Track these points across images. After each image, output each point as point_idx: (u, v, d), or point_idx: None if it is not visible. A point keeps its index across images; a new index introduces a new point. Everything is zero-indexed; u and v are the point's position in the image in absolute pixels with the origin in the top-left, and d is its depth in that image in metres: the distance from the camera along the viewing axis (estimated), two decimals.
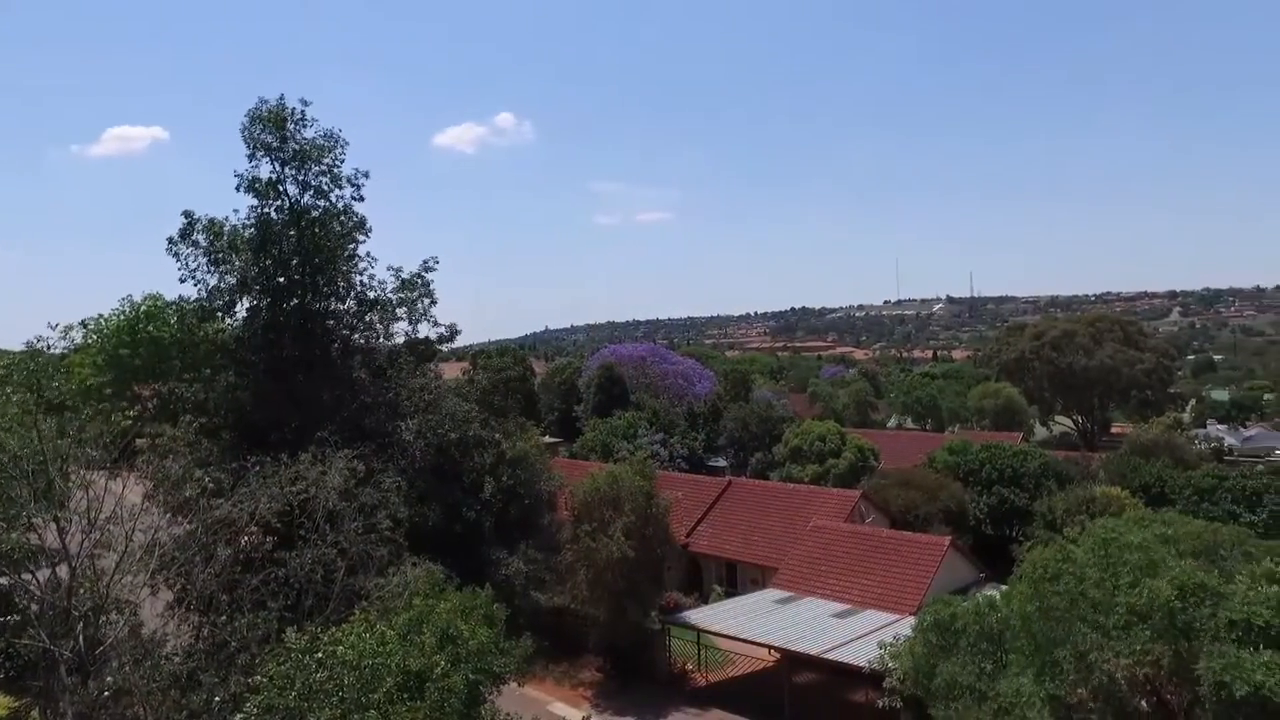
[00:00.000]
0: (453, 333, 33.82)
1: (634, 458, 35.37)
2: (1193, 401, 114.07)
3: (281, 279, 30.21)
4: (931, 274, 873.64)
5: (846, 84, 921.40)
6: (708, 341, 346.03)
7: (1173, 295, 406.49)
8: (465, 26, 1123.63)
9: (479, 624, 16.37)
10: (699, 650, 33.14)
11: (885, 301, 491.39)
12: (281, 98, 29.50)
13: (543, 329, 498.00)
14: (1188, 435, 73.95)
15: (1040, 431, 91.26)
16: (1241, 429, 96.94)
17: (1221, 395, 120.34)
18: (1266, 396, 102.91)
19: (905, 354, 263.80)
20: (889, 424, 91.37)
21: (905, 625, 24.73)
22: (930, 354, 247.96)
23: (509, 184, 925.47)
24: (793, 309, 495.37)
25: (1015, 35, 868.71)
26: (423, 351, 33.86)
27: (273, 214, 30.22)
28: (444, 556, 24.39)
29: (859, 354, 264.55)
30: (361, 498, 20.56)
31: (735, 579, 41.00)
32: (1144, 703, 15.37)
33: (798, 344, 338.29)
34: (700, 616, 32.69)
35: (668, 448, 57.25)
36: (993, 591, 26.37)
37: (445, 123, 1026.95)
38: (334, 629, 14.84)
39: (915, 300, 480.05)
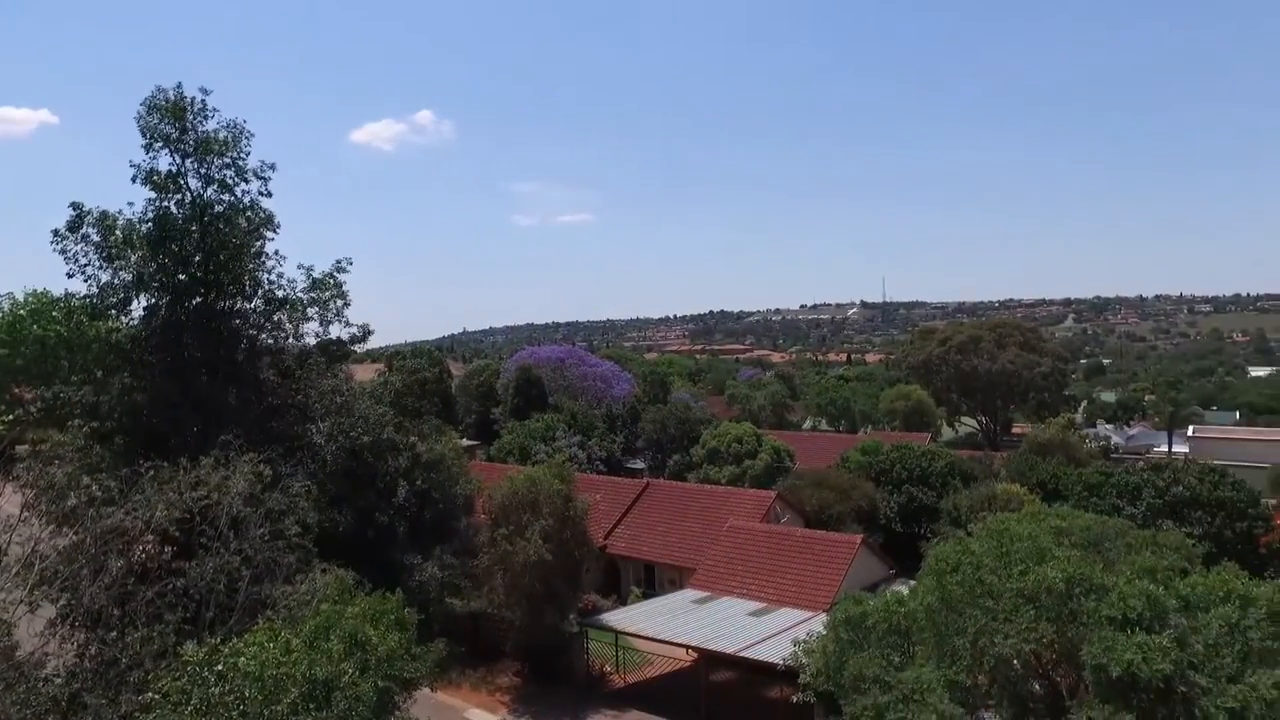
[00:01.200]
0: (366, 333, 32.92)
1: (552, 460, 35.24)
2: (1084, 403, 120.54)
3: (183, 276, 28.85)
4: (846, 279, 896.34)
5: (763, 90, 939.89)
6: (627, 344, 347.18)
7: (1068, 303, 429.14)
8: (385, 20, 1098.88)
9: (390, 629, 15.99)
10: (617, 652, 33.16)
11: (802, 305, 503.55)
12: (179, 86, 28.11)
13: (461, 330, 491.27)
14: (1080, 434, 77.87)
15: (947, 432, 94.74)
16: (1126, 428, 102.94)
17: (1109, 397, 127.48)
18: (1147, 398, 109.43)
19: (820, 357, 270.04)
20: (804, 425, 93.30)
21: (818, 622, 25.27)
22: (845, 357, 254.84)
23: (428, 183, 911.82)
24: (711, 312, 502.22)
25: (919, 46, 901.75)
26: (335, 352, 32.84)
27: (172, 208, 28.81)
28: (356, 562, 23.68)
29: (776, 357, 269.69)
30: (268, 503, 19.79)
31: (654, 580, 41.22)
32: (1036, 685, 16.17)
33: (716, 347, 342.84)
34: (618, 618, 32.72)
35: (586, 450, 57.16)
36: (902, 587, 27.25)
37: (363, 118, 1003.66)
38: (236, 640, 14.24)
39: (831, 305, 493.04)
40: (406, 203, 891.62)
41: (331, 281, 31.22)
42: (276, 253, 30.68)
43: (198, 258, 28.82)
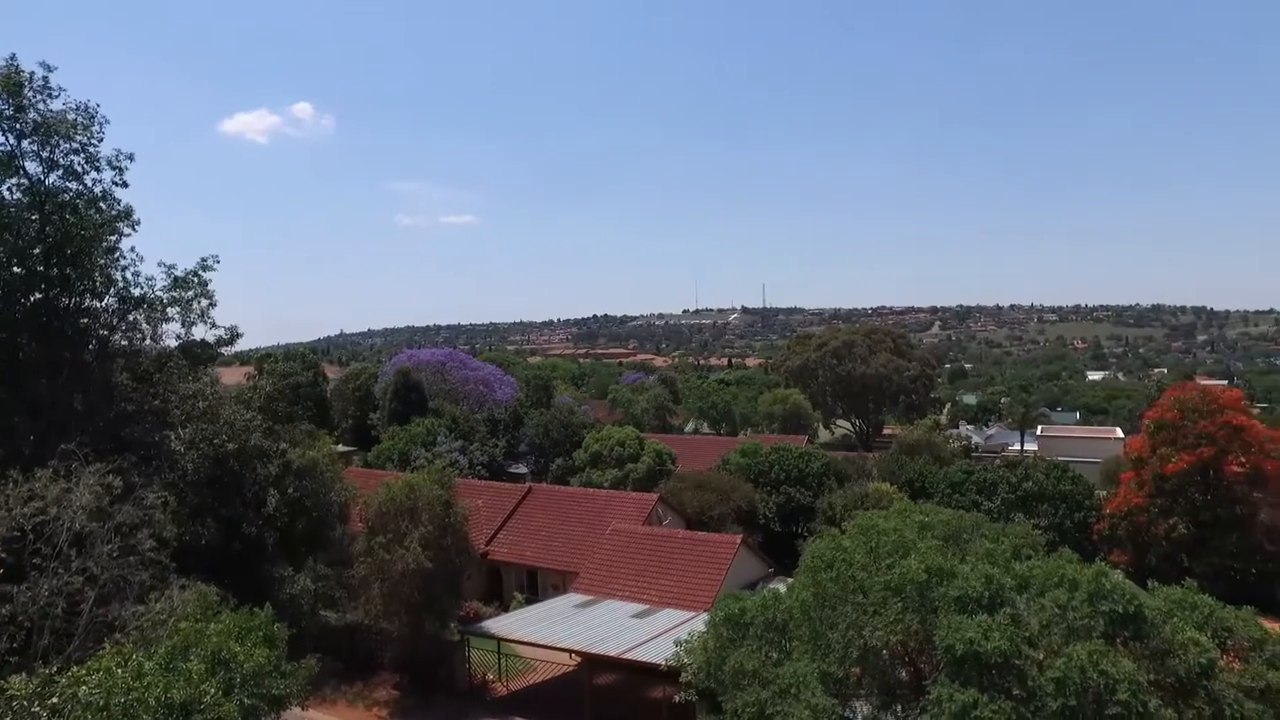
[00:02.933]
0: (234, 335, 31.11)
1: (432, 466, 34.35)
2: (949, 405, 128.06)
3: (19, 269, 26.46)
4: (728, 285, 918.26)
5: (648, 95, 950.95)
6: (510, 347, 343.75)
7: (934, 311, 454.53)
8: (261, 5, 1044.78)
9: (257, 646, 15.16)
10: (500, 659, 32.67)
11: (684, 311, 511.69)
12: (14, 58, 25.69)
13: (338, 333, 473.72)
14: (944, 435, 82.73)
15: (824, 434, 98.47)
16: (985, 428, 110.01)
17: (970, 399, 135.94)
18: (1004, 400, 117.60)
19: (702, 361, 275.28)
20: (686, 429, 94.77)
21: (700, 621, 25.70)
22: (726, 361, 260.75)
23: (305, 179, 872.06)
24: (595, 316, 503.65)
25: (800, 57, 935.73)
26: (199, 355, 30.90)
27: (5, 193, 26.38)
28: (221, 577, 22.38)
29: (659, 361, 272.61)
30: (119, 516, 18.40)
31: (536, 585, 40.88)
32: (902, 672, 17.02)
33: (600, 351, 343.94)
34: (500, 625, 32.27)
35: (467, 455, 56.12)
36: (780, 585, 28.09)
37: (235, 108, 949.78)
38: (76, 668, 13.08)
39: (713, 310, 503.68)
40: (281, 199, 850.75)
41: (195, 280, 29.36)
42: (134, 248, 28.65)
43: (37, 250, 26.49)
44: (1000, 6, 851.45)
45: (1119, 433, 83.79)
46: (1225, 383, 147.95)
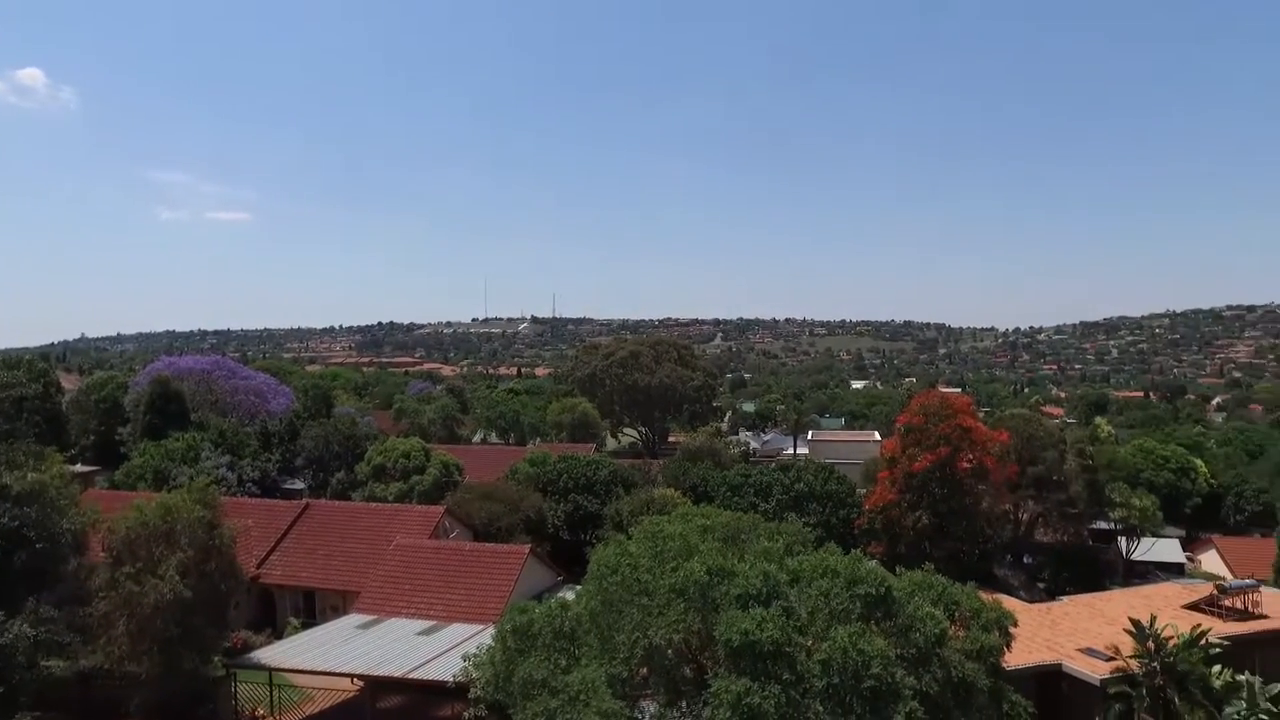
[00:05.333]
0: None
1: (193, 485, 31.27)
2: (729, 413, 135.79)
3: None
4: (518, 295, 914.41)
5: (437, 100, 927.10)
6: (287, 355, 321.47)
7: (717, 323, 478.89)
8: None
9: None
10: (272, 691, 30.27)
11: (474, 319, 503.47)
12: None
13: (79, 336, 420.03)
14: (725, 441, 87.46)
15: (611, 442, 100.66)
16: (762, 434, 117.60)
17: (749, 407, 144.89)
18: (779, 407, 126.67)
19: (492, 371, 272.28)
20: (474, 439, 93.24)
21: (489, 634, 25.35)
22: (515, 371, 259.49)
23: (38, 160, 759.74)
24: (380, 324, 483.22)
25: (593, 56, 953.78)
26: None
27: None
28: None
29: (447, 370, 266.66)
30: None
31: (314, 608, 38.44)
32: (687, 669, 17.78)
33: (385, 360, 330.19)
34: (273, 654, 29.99)
35: (237, 471, 51.74)
36: (570, 593, 28.34)
37: None
38: None
39: (502, 319, 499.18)
40: (5, 181, 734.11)
41: None
42: None
43: None
44: (748, 16, 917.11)
45: (877, 436, 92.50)
46: (959, 390, 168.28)
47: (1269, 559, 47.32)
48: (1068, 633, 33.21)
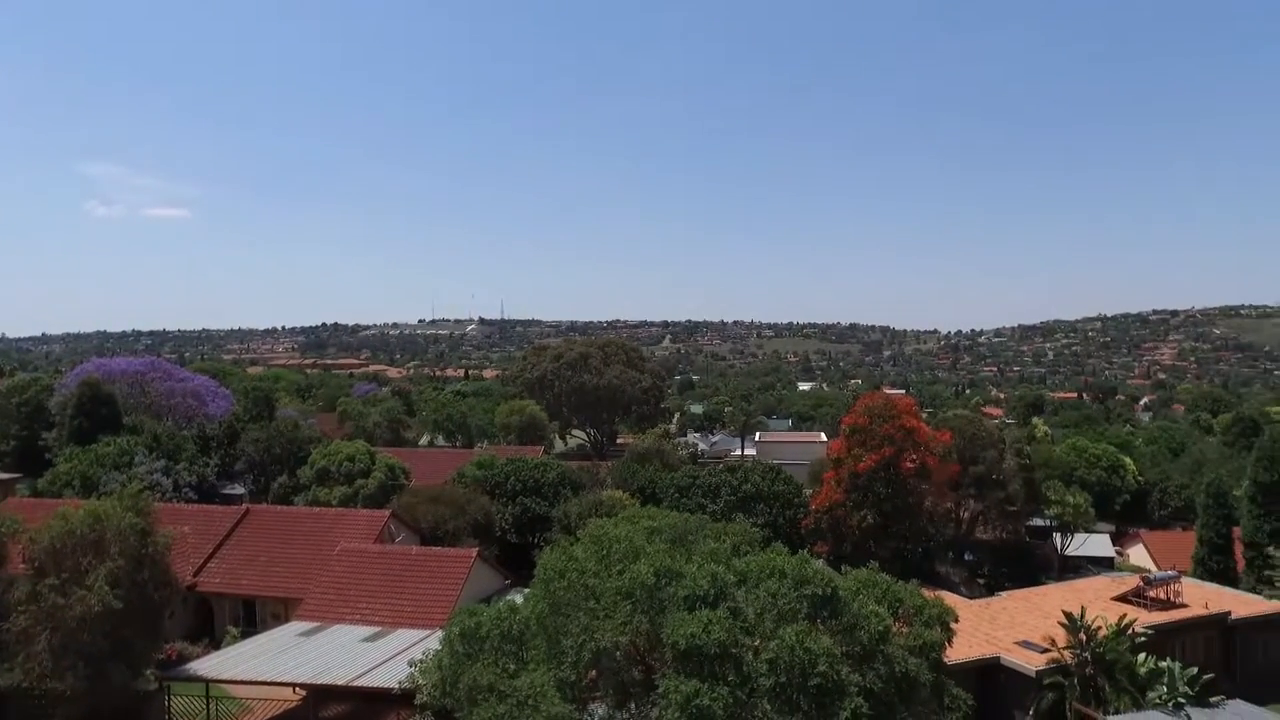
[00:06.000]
0: None
1: (125, 491, 30.21)
2: (678, 414, 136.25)
3: None
4: (466, 296, 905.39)
5: (387, 91, 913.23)
6: (227, 357, 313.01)
7: (665, 325, 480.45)
8: None
9: None
10: (209, 704, 29.43)
11: (421, 321, 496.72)
12: None
13: None
14: (673, 443, 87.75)
15: (559, 444, 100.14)
16: (710, 435, 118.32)
17: (697, 409, 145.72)
18: (727, 409, 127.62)
19: (439, 372, 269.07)
20: (421, 442, 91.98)
21: (436, 639, 25.05)
22: (463, 372, 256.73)
23: None
24: (324, 325, 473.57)
25: (538, 69, 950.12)
26: None
27: None
28: None
29: (393, 372, 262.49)
30: None
31: (255, 617, 37.47)
32: (635, 671, 17.80)
33: (329, 361, 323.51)
34: (210, 665, 29.14)
35: (173, 476, 50.20)
36: (517, 596, 28.13)
37: None
38: None
39: (450, 321, 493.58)
40: None
41: None
42: None
43: None
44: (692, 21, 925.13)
45: (823, 436, 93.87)
46: (903, 391, 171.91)
47: (1190, 551, 49.40)
48: (1006, 627, 34.17)
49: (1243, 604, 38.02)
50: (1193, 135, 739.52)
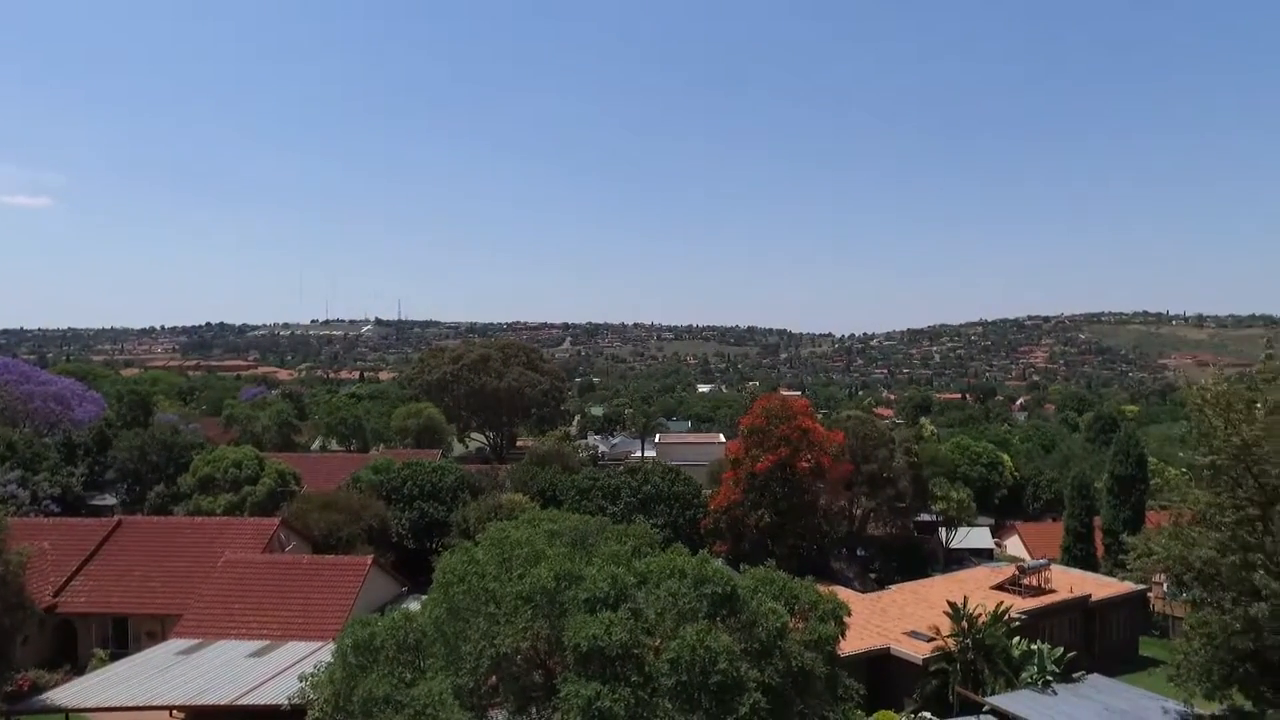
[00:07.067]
0: None
1: None
2: (578, 416, 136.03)
3: None
4: (362, 296, 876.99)
5: (277, 82, 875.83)
6: (97, 358, 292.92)
7: (566, 327, 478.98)
8: None
9: None
10: None
11: (313, 321, 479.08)
12: None
13: None
14: (574, 445, 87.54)
15: (458, 448, 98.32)
16: (611, 438, 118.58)
17: (598, 411, 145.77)
18: (627, 411, 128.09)
19: (333, 375, 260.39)
20: (313, 446, 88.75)
21: (328, 651, 24.11)
22: (358, 375, 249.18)
23: None
24: (209, 324, 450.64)
25: (438, 66, 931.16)
26: None
27: None
28: None
29: (283, 374, 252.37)
30: None
31: (127, 637, 35.12)
32: (536, 675, 17.61)
33: (214, 363, 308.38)
34: (71, 693, 26.99)
35: (31, 488, 46.61)
36: (415, 603, 27.41)
37: None
38: None
39: (344, 321, 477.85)
40: None
41: None
42: None
43: None
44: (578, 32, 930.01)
45: (722, 438, 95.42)
46: (799, 393, 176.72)
47: (1059, 540, 52.82)
48: (895, 618, 35.61)
49: (1102, 586, 41.18)
50: (1063, 153, 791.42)
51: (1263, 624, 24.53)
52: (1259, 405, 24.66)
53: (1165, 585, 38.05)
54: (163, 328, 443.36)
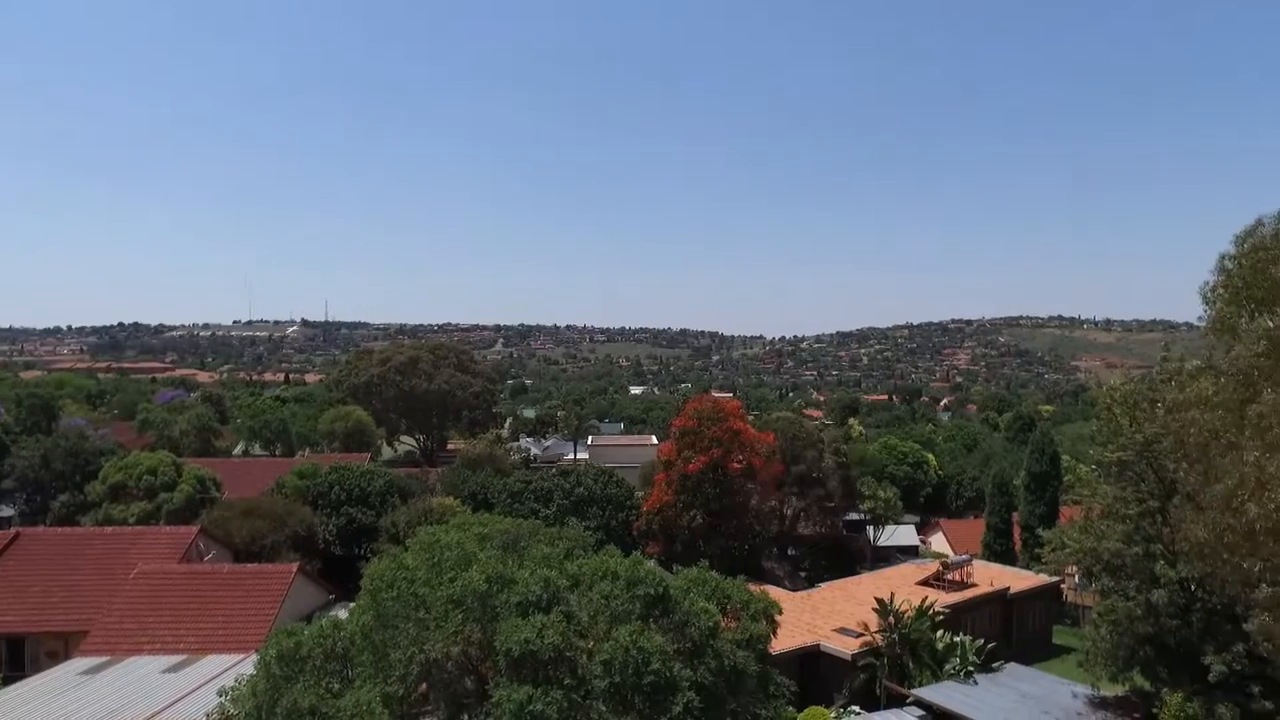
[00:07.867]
0: None
1: None
2: (510, 419, 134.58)
3: None
4: (286, 296, 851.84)
5: (196, 73, 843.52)
6: None
7: (498, 328, 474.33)
8: None
9: None
10: None
11: (235, 321, 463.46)
12: None
13: None
14: (506, 448, 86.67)
15: (387, 451, 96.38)
16: (543, 440, 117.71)
17: (530, 413, 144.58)
18: (560, 413, 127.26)
19: (256, 377, 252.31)
20: (235, 451, 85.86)
21: (250, 664, 23.31)
22: (283, 377, 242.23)
23: None
24: (122, 324, 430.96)
25: (367, 52, 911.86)
26: None
27: None
28: None
29: (203, 377, 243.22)
30: None
31: (24, 659, 33.16)
32: (468, 681, 17.38)
33: (127, 365, 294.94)
34: None
35: None
36: (342, 611, 26.73)
37: None
38: None
39: (269, 322, 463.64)
40: None
41: None
42: None
43: None
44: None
45: (654, 440, 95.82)
46: (731, 395, 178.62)
47: (980, 536, 54.71)
48: (825, 615, 36.32)
49: (1019, 580, 42.86)
50: (987, 160, 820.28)
51: (1161, 609, 26.22)
52: (1159, 404, 26.05)
53: (1076, 577, 39.85)
54: (69, 327, 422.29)
